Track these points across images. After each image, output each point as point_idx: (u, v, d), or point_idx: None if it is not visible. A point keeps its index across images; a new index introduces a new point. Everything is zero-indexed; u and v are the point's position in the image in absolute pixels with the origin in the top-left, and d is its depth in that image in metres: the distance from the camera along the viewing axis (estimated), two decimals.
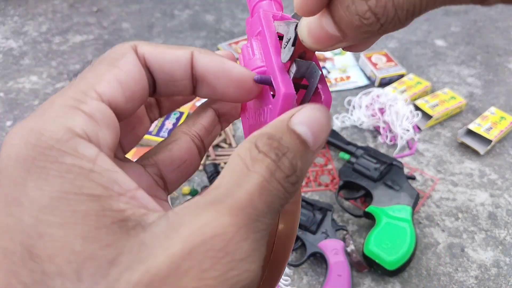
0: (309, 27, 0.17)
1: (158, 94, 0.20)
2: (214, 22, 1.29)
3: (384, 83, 1.02)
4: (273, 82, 0.20)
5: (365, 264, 0.64)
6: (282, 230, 0.21)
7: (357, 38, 0.16)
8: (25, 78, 1.06)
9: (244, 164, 0.15)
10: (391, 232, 0.64)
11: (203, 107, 0.23)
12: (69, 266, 0.12)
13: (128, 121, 0.21)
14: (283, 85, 0.19)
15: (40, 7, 1.36)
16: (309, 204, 0.69)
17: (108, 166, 0.14)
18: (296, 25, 0.18)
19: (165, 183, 0.21)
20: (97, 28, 1.26)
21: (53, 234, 0.13)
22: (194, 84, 0.19)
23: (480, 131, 0.84)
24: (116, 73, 0.17)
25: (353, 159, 0.76)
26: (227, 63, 0.19)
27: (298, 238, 0.67)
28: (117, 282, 0.12)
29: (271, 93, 0.20)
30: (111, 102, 0.16)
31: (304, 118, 0.16)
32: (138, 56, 0.18)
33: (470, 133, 0.86)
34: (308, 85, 0.20)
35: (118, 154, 0.21)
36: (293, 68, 0.19)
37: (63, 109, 0.15)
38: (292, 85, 0.19)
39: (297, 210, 0.21)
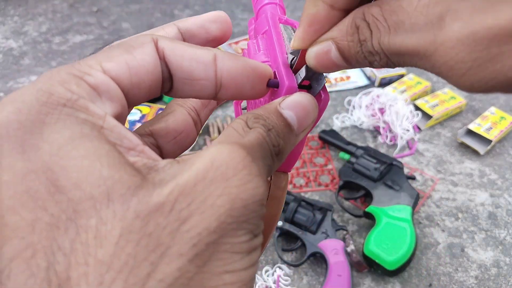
0: (318, 57, 0.20)
1: (175, 93, 0.19)
2: None
3: (384, 83, 1.02)
4: (277, 75, 0.21)
5: (365, 264, 0.64)
6: (267, 215, 0.22)
7: (361, 67, 0.19)
8: (25, 78, 1.06)
9: (238, 133, 0.17)
10: (391, 232, 0.64)
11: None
12: (98, 189, 0.13)
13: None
14: (287, 79, 0.20)
15: (40, 7, 1.36)
16: (309, 204, 0.69)
17: (116, 124, 0.15)
18: (293, 59, 0.21)
19: (161, 153, 0.21)
20: (97, 28, 1.26)
21: (77, 165, 0.13)
22: (218, 89, 0.19)
23: (480, 131, 0.84)
24: (128, 58, 0.17)
25: (353, 159, 0.76)
26: (249, 61, 0.19)
27: (298, 238, 0.67)
28: (149, 197, 0.13)
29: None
30: (115, 80, 0.17)
31: (292, 104, 0.19)
32: (158, 50, 0.18)
33: (470, 133, 0.86)
34: (310, 86, 0.22)
35: None
36: (302, 73, 0.21)
37: (68, 77, 0.15)
38: (295, 79, 0.21)
39: (283, 196, 0.23)
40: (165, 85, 0.19)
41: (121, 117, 0.17)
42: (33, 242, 0.12)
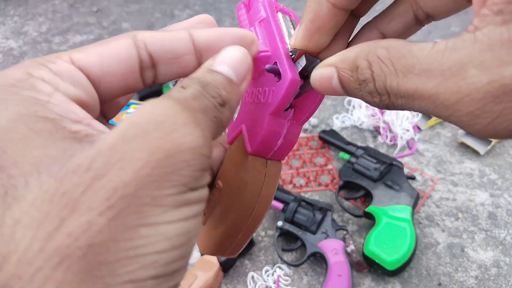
0: (321, 80, 0.20)
1: (161, 78, 0.20)
2: None
3: None
4: (279, 67, 0.21)
5: (365, 264, 0.64)
6: (264, 192, 0.23)
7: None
8: None
9: (176, 92, 0.17)
10: (391, 232, 0.64)
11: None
12: (30, 166, 0.14)
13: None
14: (290, 72, 0.20)
15: (40, 7, 1.36)
16: (309, 204, 0.69)
17: (64, 100, 0.16)
18: (292, 55, 0.21)
19: None
20: (97, 28, 1.26)
21: (14, 148, 0.14)
22: (199, 60, 0.20)
23: None
24: (100, 49, 0.18)
25: (353, 159, 0.76)
26: (224, 28, 0.21)
27: (298, 238, 0.67)
28: (70, 161, 0.14)
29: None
30: (84, 69, 0.18)
31: (223, 59, 0.19)
32: (137, 41, 0.19)
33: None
34: (307, 76, 0.22)
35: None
36: (302, 61, 0.21)
37: (30, 63, 0.17)
38: (297, 72, 0.21)
39: (275, 182, 0.24)
40: (147, 75, 0.20)
41: (87, 106, 0.17)
42: None
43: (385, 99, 0.18)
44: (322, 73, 0.20)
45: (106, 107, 0.23)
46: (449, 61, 0.15)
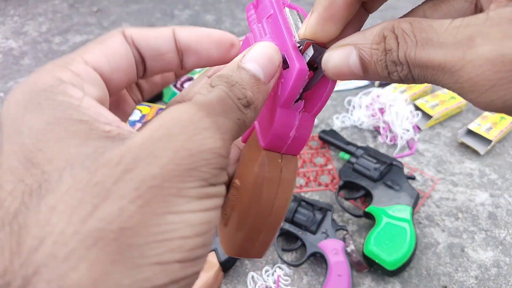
0: (336, 63, 0.20)
1: (149, 73, 0.22)
2: (214, 23, 1.29)
3: (384, 83, 1.02)
4: (287, 59, 0.21)
5: (365, 264, 0.64)
6: (282, 188, 0.23)
7: (375, 79, 0.20)
8: (25, 78, 1.06)
9: (203, 94, 0.18)
10: (391, 232, 0.64)
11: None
12: (65, 162, 0.15)
13: (112, 99, 0.24)
14: (298, 62, 0.21)
15: (40, 7, 1.36)
16: (309, 204, 0.69)
17: (94, 104, 0.18)
18: (300, 46, 0.21)
19: None
20: (97, 28, 1.26)
21: (50, 147, 0.16)
22: (181, 57, 0.22)
23: (480, 131, 0.84)
24: (102, 48, 0.20)
25: (353, 159, 0.76)
26: (205, 29, 0.22)
27: (298, 238, 0.67)
28: (102, 156, 0.15)
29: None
30: (97, 68, 0.19)
31: (253, 56, 0.20)
32: (126, 37, 0.21)
33: (470, 133, 0.86)
34: (316, 67, 0.22)
35: None
36: (310, 52, 0.21)
37: (53, 67, 0.18)
38: (305, 61, 0.21)
39: (293, 179, 0.24)
40: (139, 68, 0.22)
41: (103, 102, 0.19)
42: (9, 206, 0.15)
43: (405, 69, 0.18)
44: (337, 53, 0.20)
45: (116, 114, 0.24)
46: (461, 35, 0.17)
